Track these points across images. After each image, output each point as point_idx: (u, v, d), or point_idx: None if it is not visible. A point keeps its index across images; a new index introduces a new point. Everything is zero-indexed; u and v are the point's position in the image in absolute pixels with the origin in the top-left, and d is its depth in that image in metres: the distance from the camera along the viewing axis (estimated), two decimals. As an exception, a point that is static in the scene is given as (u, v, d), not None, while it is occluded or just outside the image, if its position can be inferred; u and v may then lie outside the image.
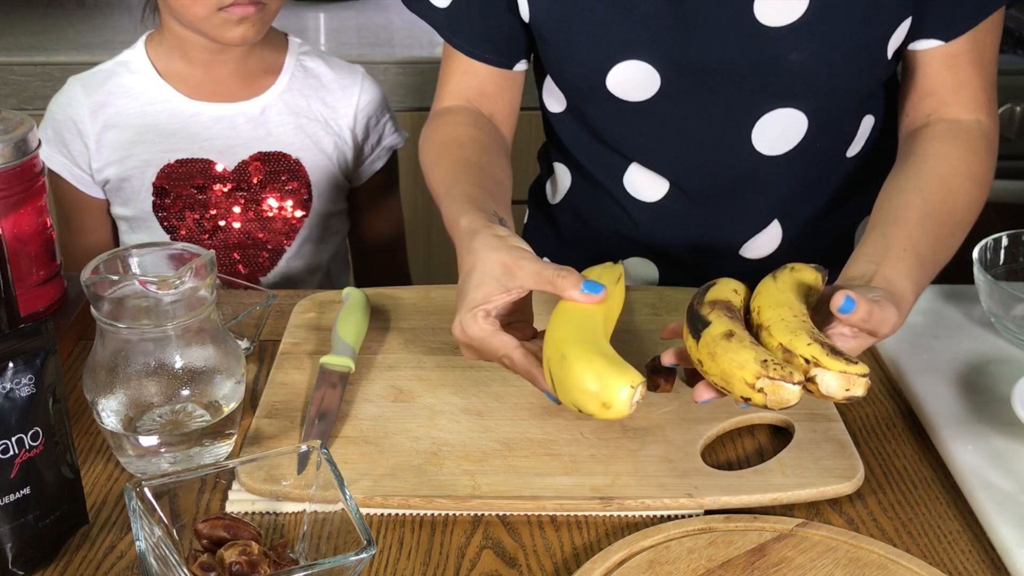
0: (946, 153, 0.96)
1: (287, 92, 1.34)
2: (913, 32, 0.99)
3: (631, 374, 0.74)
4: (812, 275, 0.82)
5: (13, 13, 2.24)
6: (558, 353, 0.77)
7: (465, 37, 1.07)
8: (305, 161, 1.34)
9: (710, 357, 0.75)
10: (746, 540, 0.74)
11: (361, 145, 1.39)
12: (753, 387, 0.72)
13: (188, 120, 1.31)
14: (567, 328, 0.79)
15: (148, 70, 1.31)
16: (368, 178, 1.42)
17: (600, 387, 0.74)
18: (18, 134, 0.97)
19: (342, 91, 1.37)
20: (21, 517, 0.72)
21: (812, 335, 0.74)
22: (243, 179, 1.32)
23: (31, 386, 0.71)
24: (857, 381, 0.72)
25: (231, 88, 1.32)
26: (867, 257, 0.85)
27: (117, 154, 1.31)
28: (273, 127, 1.33)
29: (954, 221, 0.93)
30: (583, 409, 0.75)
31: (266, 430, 0.87)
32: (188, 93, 1.31)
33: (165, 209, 1.32)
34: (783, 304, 0.78)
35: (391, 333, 1.01)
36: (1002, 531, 0.76)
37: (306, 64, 1.36)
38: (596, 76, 1.01)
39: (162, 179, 1.30)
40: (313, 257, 1.39)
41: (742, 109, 1.02)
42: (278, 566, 0.70)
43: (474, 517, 0.80)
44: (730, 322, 0.77)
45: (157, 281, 0.79)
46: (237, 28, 1.23)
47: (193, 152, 1.31)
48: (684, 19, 0.97)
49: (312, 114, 1.34)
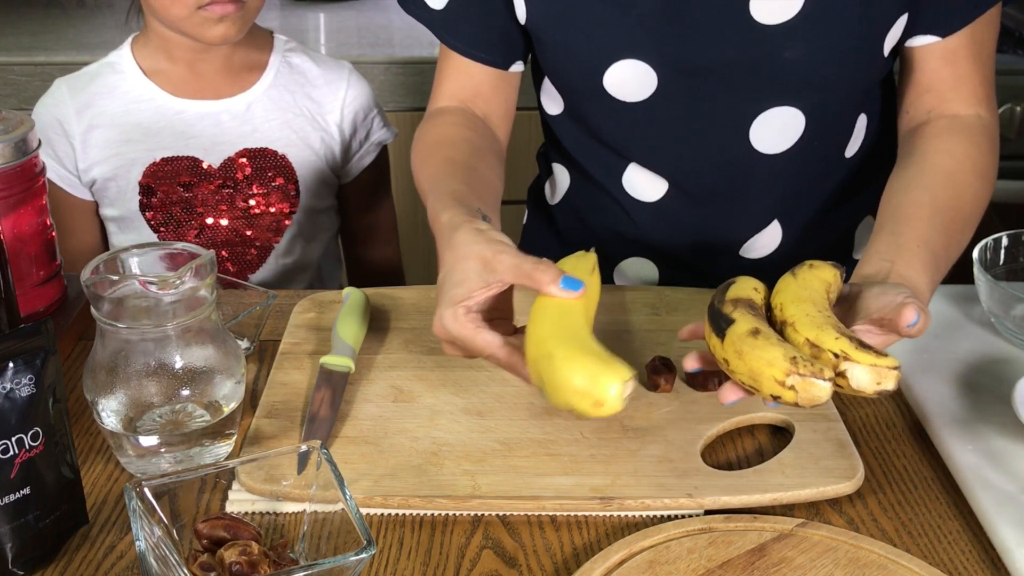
0: (949, 149, 0.96)
1: (272, 88, 1.34)
2: (910, 28, 0.99)
3: (621, 369, 0.73)
4: (831, 272, 0.81)
5: (13, 13, 2.24)
6: (544, 352, 0.75)
7: (460, 37, 1.07)
8: (292, 157, 1.34)
9: (737, 355, 0.74)
10: (746, 540, 0.74)
11: (349, 141, 1.39)
12: (784, 384, 0.71)
13: (173, 118, 1.31)
14: (549, 325, 0.77)
15: (133, 69, 1.32)
16: (357, 174, 1.42)
17: (591, 385, 0.72)
18: (18, 134, 0.97)
19: (328, 86, 1.37)
20: (21, 517, 0.72)
21: (839, 329, 0.73)
22: (229, 176, 1.32)
23: (31, 386, 0.71)
24: (888, 374, 0.72)
25: (216, 85, 1.32)
26: (880, 255, 0.85)
27: (103, 153, 1.31)
28: (259, 123, 1.33)
29: (963, 217, 0.93)
30: (574, 408, 0.74)
31: (266, 430, 0.87)
32: (173, 91, 1.31)
33: (152, 208, 1.32)
34: (806, 300, 0.77)
35: (391, 333, 1.01)
36: (1002, 531, 0.76)
37: (292, 60, 1.37)
38: (593, 76, 1.01)
39: (148, 178, 1.31)
40: (302, 254, 1.39)
41: (739, 108, 1.02)
42: (278, 566, 0.70)
43: (474, 517, 0.79)
44: (755, 319, 0.75)
45: (157, 281, 0.79)
46: (217, 27, 1.23)
47: (179, 150, 1.31)
48: (680, 18, 0.97)
49: (298, 109, 1.35)
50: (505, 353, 0.81)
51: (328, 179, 1.39)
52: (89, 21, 2.21)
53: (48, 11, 2.27)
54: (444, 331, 0.81)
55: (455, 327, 0.80)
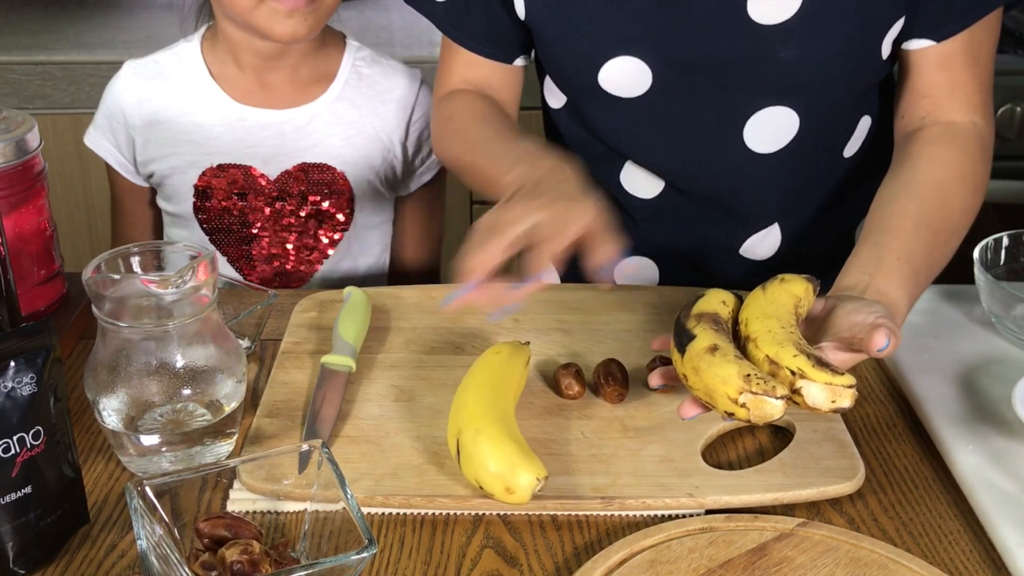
0: (941, 158, 0.96)
1: (338, 101, 1.29)
2: (907, 31, 0.99)
3: (538, 465, 0.77)
4: (802, 286, 0.81)
5: (13, 12, 2.24)
6: (473, 426, 0.78)
7: (466, 32, 1.07)
8: (350, 174, 1.29)
9: (694, 372, 0.75)
10: (747, 540, 0.75)
11: (412, 158, 1.34)
12: (736, 402, 0.72)
13: (234, 124, 1.27)
14: (483, 403, 0.81)
15: (200, 68, 1.28)
16: (415, 190, 1.37)
17: (508, 471, 0.76)
18: (19, 133, 0.97)
19: (396, 103, 1.31)
20: (22, 516, 0.72)
21: (799, 347, 0.74)
22: (284, 189, 1.29)
23: (32, 385, 0.71)
24: (843, 392, 0.72)
25: (282, 95, 1.28)
26: (860, 268, 0.85)
27: (161, 151, 1.29)
28: (320, 137, 1.28)
29: (949, 228, 0.93)
30: (484, 487, 0.77)
31: (267, 429, 0.87)
32: (237, 97, 1.27)
33: (205, 212, 1.30)
34: (771, 316, 0.78)
35: (392, 332, 1.01)
36: (1003, 531, 0.76)
37: (361, 71, 1.31)
38: (589, 72, 1.02)
39: (203, 182, 1.29)
40: (351, 269, 1.36)
41: (733, 107, 1.02)
42: (279, 565, 0.70)
43: (475, 516, 0.80)
44: (715, 335, 0.76)
45: (158, 280, 0.79)
46: (287, 22, 1.16)
47: (237, 158, 1.28)
48: (676, 16, 0.97)
49: (362, 126, 1.30)
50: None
51: (383, 196, 1.34)
52: (89, 20, 2.21)
53: (48, 10, 2.27)
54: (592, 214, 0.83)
55: (601, 218, 0.82)
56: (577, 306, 1.05)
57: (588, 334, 1.01)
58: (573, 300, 1.06)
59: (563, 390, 0.90)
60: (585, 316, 1.04)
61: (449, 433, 0.81)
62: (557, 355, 0.97)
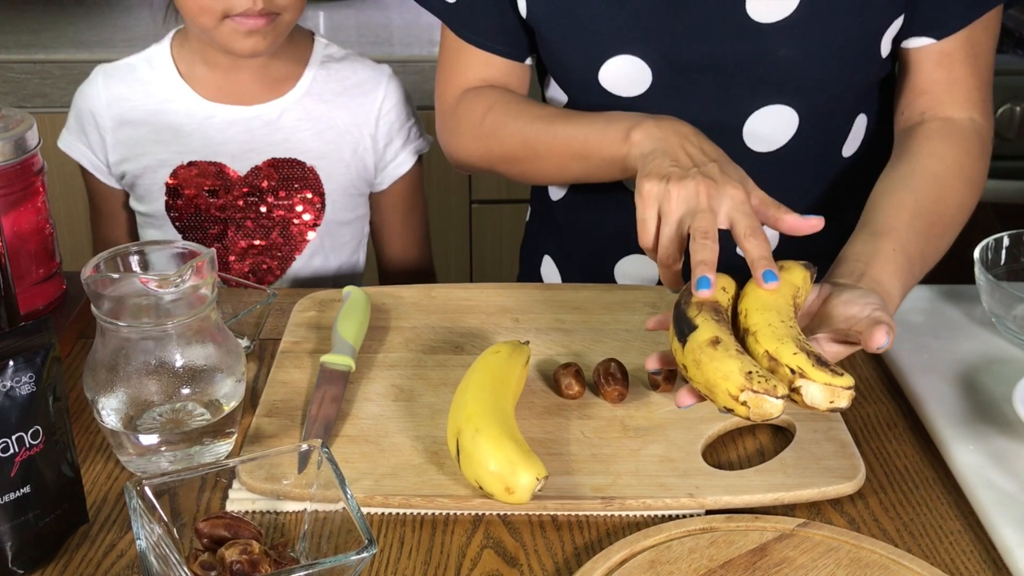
0: (939, 152, 0.96)
1: (307, 96, 1.31)
2: (906, 29, 0.99)
3: (538, 465, 0.77)
4: (800, 274, 0.82)
5: (12, 11, 2.24)
6: (472, 426, 0.78)
7: (476, 30, 1.08)
8: (320, 169, 1.31)
9: (695, 364, 0.75)
10: (747, 540, 0.74)
11: (383, 151, 1.35)
12: (736, 399, 0.72)
13: (204, 122, 1.29)
14: (483, 402, 0.81)
15: (169, 68, 1.30)
16: (390, 184, 1.38)
17: (508, 471, 0.76)
18: (18, 132, 0.97)
19: (365, 96, 1.33)
20: (21, 516, 0.72)
21: (799, 343, 0.74)
22: (255, 185, 1.30)
23: (31, 384, 0.71)
24: (842, 393, 0.73)
25: (250, 92, 1.30)
26: (855, 257, 0.86)
27: (133, 151, 1.30)
28: (290, 132, 1.30)
29: (944, 222, 0.93)
30: (483, 486, 0.77)
31: (267, 429, 0.87)
32: (205, 94, 1.29)
33: (177, 210, 1.31)
34: (770, 308, 0.78)
35: (392, 332, 1.01)
36: (1003, 531, 0.76)
37: (330, 67, 1.33)
38: (589, 70, 1.02)
39: (175, 180, 1.30)
40: (322, 266, 1.37)
41: (732, 105, 1.02)
42: (279, 565, 0.70)
43: (475, 516, 0.79)
44: (717, 327, 0.76)
45: (157, 279, 0.79)
46: (247, 40, 1.20)
47: (207, 155, 1.29)
48: (676, 14, 0.97)
49: (331, 120, 1.31)
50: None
51: (358, 190, 1.35)
52: (88, 19, 2.21)
53: (47, 9, 2.27)
54: (740, 197, 0.85)
55: (746, 207, 0.84)
56: (577, 306, 1.05)
57: (588, 334, 1.00)
58: (573, 300, 1.06)
59: (563, 390, 0.90)
60: (585, 316, 1.03)
61: (449, 433, 0.81)
62: (557, 355, 0.97)
